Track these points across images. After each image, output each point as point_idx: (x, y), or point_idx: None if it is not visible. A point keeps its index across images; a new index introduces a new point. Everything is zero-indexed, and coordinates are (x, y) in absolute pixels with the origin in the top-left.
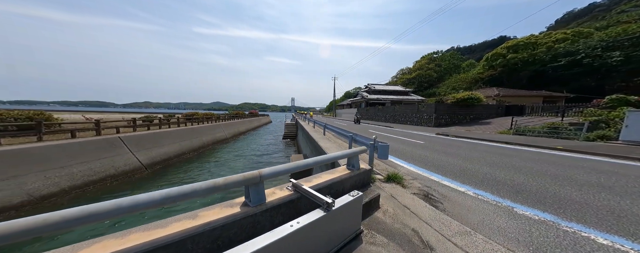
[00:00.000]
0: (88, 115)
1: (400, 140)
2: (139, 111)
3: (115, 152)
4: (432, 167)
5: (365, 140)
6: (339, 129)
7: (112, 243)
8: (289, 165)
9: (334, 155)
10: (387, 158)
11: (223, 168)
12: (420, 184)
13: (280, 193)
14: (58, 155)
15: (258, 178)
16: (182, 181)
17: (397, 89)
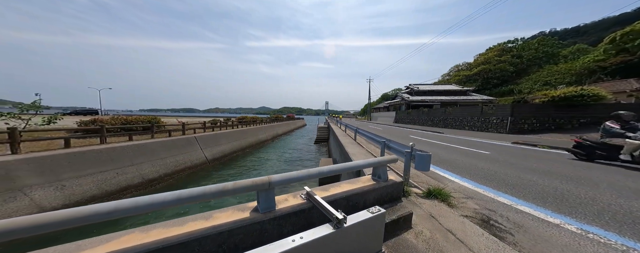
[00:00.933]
0: (179, 119)
1: (452, 149)
2: (211, 115)
3: (192, 148)
4: (500, 184)
5: (399, 147)
6: (370, 134)
7: (137, 236)
8: (299, 173)
9: (355, 163)
10: (427, 170)
11: (262, 166)
12: (478, 205)
13: (292, 201)
14: (160, 149)
15: (267, 184)
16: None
17: (450, 89)
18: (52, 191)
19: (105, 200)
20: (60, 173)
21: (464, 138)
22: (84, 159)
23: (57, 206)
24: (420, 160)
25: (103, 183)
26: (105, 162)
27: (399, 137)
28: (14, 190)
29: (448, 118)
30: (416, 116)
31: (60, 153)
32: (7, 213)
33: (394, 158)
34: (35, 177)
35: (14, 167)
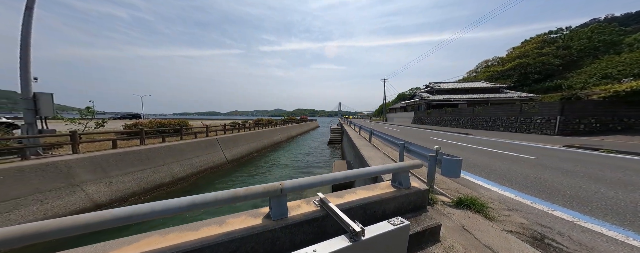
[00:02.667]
0: (204, 121)
1: (485, 153)
2: (231, 118)
3: (214, 149)
4: (555, 196)
5: (422, 150)
6: (388, 136)
7: (155, 240)
8: (313, 179)
9: (373, 169)
10: (457, 177)
11: (277, 167)
12: (526, 219)
13: (305, 208)
14: (187, 149)
15: (279, 190)
16: (251, 173)
17: (479, 86)
18: (102, 187)
19: (143, 196)
20: (108, 171)
21: (499, 140)
22: (127, 159)
23: (105, 201)
24: (448, 166)
25: (141, 181)
26: (143, 162)
27: (419, 139)
28: (74, 185)
29: (477, 118)
30: (438, 116)
31: (109, 153)
32: (67, 205)
33: (418, 163)
34: (90, 174)
35: (74, 165)
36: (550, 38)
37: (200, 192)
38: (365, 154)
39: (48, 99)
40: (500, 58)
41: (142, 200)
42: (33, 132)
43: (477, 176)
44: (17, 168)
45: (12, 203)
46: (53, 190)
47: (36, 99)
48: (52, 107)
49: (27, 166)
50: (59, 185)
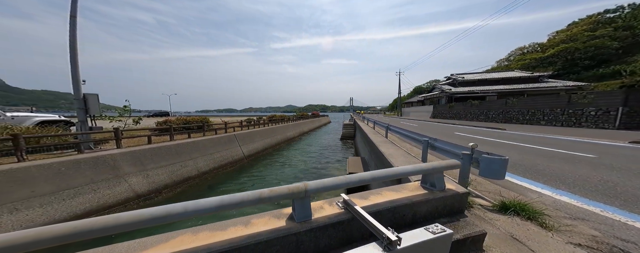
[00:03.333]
0: (222, 118)
1: (527, 150)
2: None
3: (232, 145)
4: (635, 203)
5: (451, 148)
6: (407, 131)
7: (188, 238)
8: (339, 180)
9: (404, 169)
10: (501, 178)
11: (291, 162)
12: (598, 231)
13: (328, 210)
14: (209, 145)
15: (303, 192)
16: (268, 167)
17: (512, 76)
18: (141, 179)
19: (175, 188)
20: (145, 165)
21: (541, 135)
22: (160, 153)
23: (144, 192)
24: (489, 165)
25: (172, 174)
26: (173, 156)
27: (442, 134)
28: (119, 177)
29: (511, 111)
30: (462, 110)
31: (145, 148)
32: (114, 195)
33: (454, 163)
34: (131, 167)
35: (118, 159)
36: (606, 18)
37: (223, 186)
38: (385, 151)
39: (95, 99)
40: (539, 44)
41: (174, 192)
42: (85, 128)
43: (521, 177)
44: (75, 160)
45: (72, 191)
46: (103, 180)
47: (85, 99)
48: (99, 106)
49: (82, 159)
50: (107, 176)
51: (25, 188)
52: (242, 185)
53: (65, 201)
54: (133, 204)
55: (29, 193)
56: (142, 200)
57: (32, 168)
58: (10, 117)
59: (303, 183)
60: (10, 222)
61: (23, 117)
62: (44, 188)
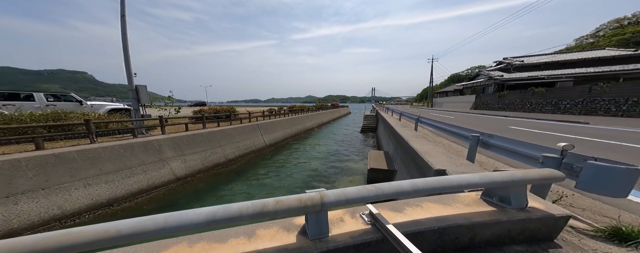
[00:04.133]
0: (247, 108)
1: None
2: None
3: (255, 134)
4: None
5: (518, 146)
6: (445, 124)
7: (183, 249)
8: (366, 191)
9: (467, 179)
10: (622, 196)
11: (310, 153)
12: None
13: (350, 224)
14: (235, 134)
15: (319, 205)
16: (288, 156)
17: (601, 56)
18: (180, 163)
19: (207, 173)
20: (183, 150)
21: None
22: (194, 140)
23: (182, 175)
24: (600, 176)
25: (204, 160)
26: (205, 143)
27: (492, 129)
28: (163, 160)
29: (596, 100)
30: (518, 99)
31: (183, 135)
32: (160, 176)
33: (554, 173)
34: (172, 151)
35: (162, 144)
36: None
37: (247, 175)
38: (419, 148)
39: (144, 89)
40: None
41: (207, 175)
42: (138, 116)
43: None
44: (130, 144)
45: (129, 171)
46: (151, 163)
47: (137, 90)
48: (147, 96)
49: (135, 143)
50: (154, 159)
51: (95, 167)
52: (265, 171)
53: (124, 180)
54: (175, 186)
55: (97, 171)
56: (181, 183)
57: (99, 149)
58: (90, 105)
59: (318, 194)
60: (84, 195)
61: (99, 106)
62: (108, 167)
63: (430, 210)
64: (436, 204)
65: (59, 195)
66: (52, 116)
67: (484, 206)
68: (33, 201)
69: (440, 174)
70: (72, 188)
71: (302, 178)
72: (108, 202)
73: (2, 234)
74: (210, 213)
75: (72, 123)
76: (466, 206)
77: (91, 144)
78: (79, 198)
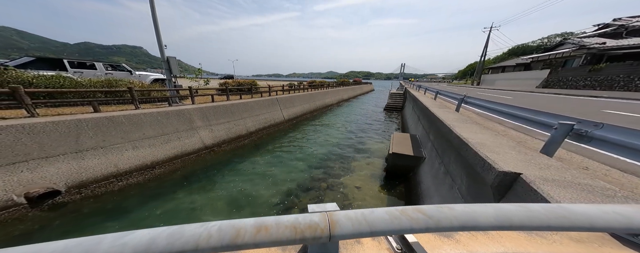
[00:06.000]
0: (268, 82)
1: None
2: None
3: (274, 108)
4: None
5: None
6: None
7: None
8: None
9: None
10: None
11: (328, 129)
12: None
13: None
14: (256, 107)
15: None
16: (303, 135)
17: None
18: (208, 132)
19: (231, 143)
20: (210, 120)
21: None
22: (219, 111)
23: (209, 144)
24: None
25: (228, 131)
26: (228, 115)
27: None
28: (193, 129)
29: None
30: (622, 74)
31: (209, 106)
32: (192, 144)
33: None
34: (201, 121)
35: (193, 113)
36: None
37: (269, 145)
38: (469, 137)
39: (174, 61)
40: None
41: (231, 146)
42: (171, 86)
43: None
44: (165, 112)
45: (166, 137)
46: (184, 131)
47: (168, 61)
48: (177, 67)
49: (171, 111)
50: (186, 127)
51: (139, 131)
52: (282, 146)
53: (162, 145)
54: (204, 154)
55: (141, 135)
56: (208, 152)
57: (141, 115)
58: (137, 75)
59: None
60: (134, 156)
61: (144, 75)
62: (150, 132)
63: (504, 241)
64: (517, 233)
65: (114, 154)
66: (106, 83)
67: (614, 246)
68: (95, 158)
69: (509, 178)
70: (123, 149)
71: (317, 155)
72: (152, 165)
73: (76, 184)
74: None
75: (119, 89)
76: (574, 241)
77: (135, 110)
78: (130, 159)
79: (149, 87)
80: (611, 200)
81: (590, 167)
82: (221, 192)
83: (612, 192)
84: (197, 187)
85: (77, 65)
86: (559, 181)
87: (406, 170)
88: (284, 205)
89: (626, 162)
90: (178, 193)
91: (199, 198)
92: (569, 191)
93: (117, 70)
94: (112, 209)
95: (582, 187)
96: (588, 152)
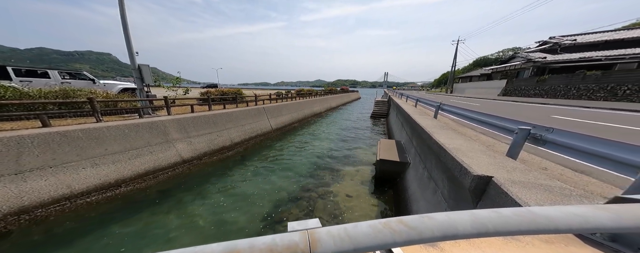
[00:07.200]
0: (254, 91)
1: None
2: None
3: (261, 117)
4: None
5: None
6: (476, 113)
7: None
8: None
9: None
10: None
11: (316, 138)
12: None
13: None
14: (241, 116)
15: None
16: (291, 144)
17: None
18: (186, 145)
19: (212, 156)
20: (189, 132)
21: None
22: (200, 122)
23: (188, 158)
24: None
25: (210, 143)
26: (210, 125)
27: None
28: (169, 142)
29: None
30: (562, 85)
31: (188, 117)
32: (166, 158)
33: None
34: (177, 133)
35: (168, 125)
36: None
37: (254, 157)
38: (446, 143)
39: (147, 69)
40: None
41: (212, 159)
42: (143, 96)
43: None
44: (135, 124)
45: (135, 152)
46: (157, 144)
47: (140, 69)
48: (151, 76)
49: (141, 123)
50: (160, 140)
51: (101, 146)
52: (270, 156)
53: (130, 160)
54: (181, 168)
55: (103, 151)
56: (187, 165)
57: (104, 128)
58: (103, 84)
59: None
60: (92, 175)
61: (111, 85)
62: (114, 147)
63: (483, 247)
64: (496, 239)
65: (67, 173)
66: (61, 93)
67: (577, 245)
68: (42, 179)
69: (482, 182)
70: (79, 168)
71: (306, 164)
72: (116, 183)
73: (15, 211)
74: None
75: (75, 101)
76: (544, 242)
77: (97, 123)
78: (88, 178)
79: (116, 98)
80: (568, 199)
81: (548, 168)
82: (200, 209)
83: (568, 192)
84: (171, 204)
85: (26, 74)
86: (524, 182)
87: (394, 176)
88: (271, 218)
89: (575, 162)
90: (147, 212)
91: (173, 218)
92: (533, 192)
93: (77, 79)
94: (63, 235)
95: (543, 187)
96: (546, 153)
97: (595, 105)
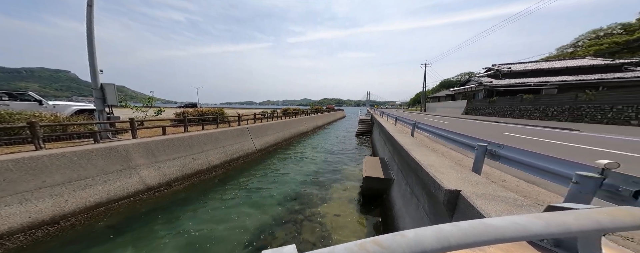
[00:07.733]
0: (237, 111)
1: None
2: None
3: (244, 138)
4: None
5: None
6: (446, 132)
7: None
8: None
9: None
10: None
11: (303, 158)
12: None
13: None
14: (222, 137)
15: None
16: (277, 165)
17: (581, 64)
18: (152, 171)
19: (185, 182)
20: (157, 156)
21: None
22: (172, 145)
23: (154, 185)
24: None
25: (183, 167)
26: (185, 148)
27: (486, 136)
28: (131, 168)
29: (583, 107)
30: (507, 106)
31: (159, 140)
32: (125, 187)
33: None
34: (143, 158)
35: (131, 150)
36: None
37: (234, 180)
38: (422, 160)
39: (112, 88)
40: (623, 25)
41: (184, 185)
42: (103, 118)
43: None
44: (87, 150)
45: (83, 182)
46: (115, 172)
47: (103, 89)
48: (116, 96)
49: (95, 149)
50: (119, 167)
51: (37, 179)
52: (252, 179)
53: (76, 192)
54: (143, 196)
55: (40, 183)
56: (152, 192)
57: (45, 157)
58: (52, 105)
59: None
60: (18, 213)
61: (63, 106)
62: (56, 178)
63: None
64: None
65: None
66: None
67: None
68: None
69: (453, 196)
70: (1, 205)
71: (292, 184)
72: (52, 220)
73: None
74: None
75: (12, 126)
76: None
77: (36, 151)
78: (10, 217)
79: (68, 121)
80: (520, 209)
81: (507, 180)
82: (166, 241)
83: (520, 202)
84: (127, 239)
85: None
86: (486, 195)
87: (380, 192)
88: (253, 246)
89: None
90: (95, 251)
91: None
92: (493, 204)
93: (18, 100)
94: None
95: (501, 199)
96: (506, 167)
97: (534, 124)
